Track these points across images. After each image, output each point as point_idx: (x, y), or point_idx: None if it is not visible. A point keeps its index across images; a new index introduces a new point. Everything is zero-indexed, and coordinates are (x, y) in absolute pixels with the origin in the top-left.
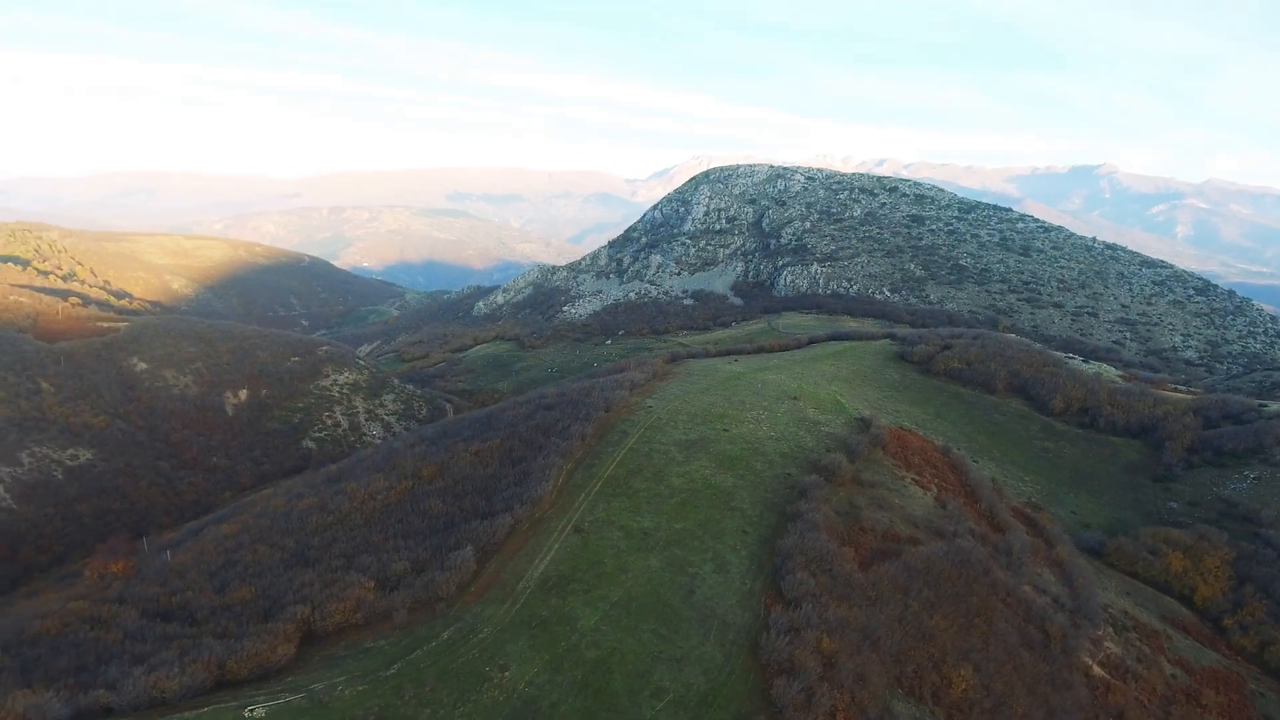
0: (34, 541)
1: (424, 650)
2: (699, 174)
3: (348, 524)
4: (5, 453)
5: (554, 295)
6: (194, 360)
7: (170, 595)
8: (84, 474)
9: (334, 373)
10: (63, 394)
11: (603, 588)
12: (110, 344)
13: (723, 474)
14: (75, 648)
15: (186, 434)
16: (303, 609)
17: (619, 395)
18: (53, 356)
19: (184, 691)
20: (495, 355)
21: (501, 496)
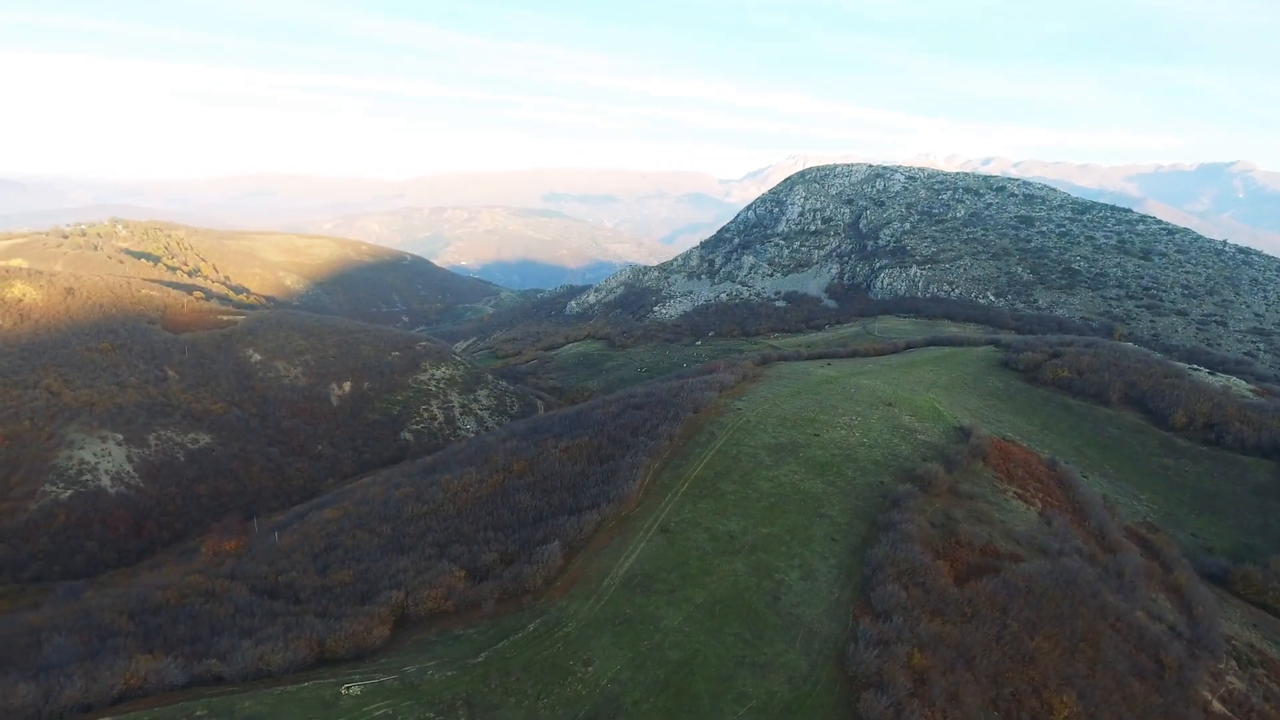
0: (158, 518)
1: (510, 641)
2: (794, 174)
3: (441, 514)
4: (135, 435)
5: (645, 295)
6: (303, 353)
7: (277, 574)
8: (203, 457)
9: (431, 368)
10: (186, 381)
11: (687, 589)
12: (229, 336)
13: (812, 479)
14: (191, 618)
15: (295, 422)
16: (397, 594)
17: (708, 396)
18: (178, 347)
19: (287, 666)
20: (586, 354)
21: (589, 494)
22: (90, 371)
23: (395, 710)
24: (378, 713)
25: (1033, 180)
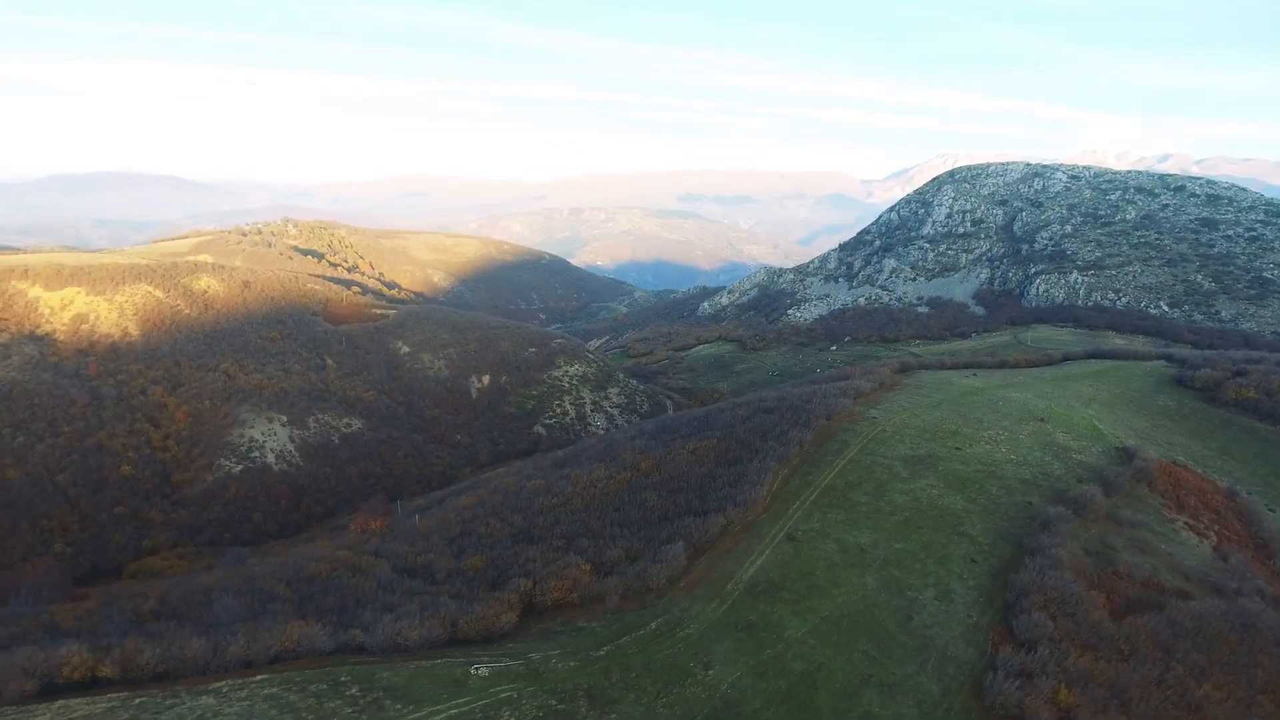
0: (313, 495)
1: (632, 637)
2: (943, 174)
3: (569, 508)
4: (297, 417)
5: (779, 298)
6: (447, 346)
7: (416, 555)
8: (355, 441)
9: (566, 364)
10: (343, 370)
11: (813, 600)
12: (381, 329)
13: (952, 495)
14: (339, 590)
15: (437, 412)
16: (525, 582)
17: (841, 403)
18: (337, 338)
19: (422, 642)
20: (717, 355)
21: (715, 496)
22: (261, 358)
23: (520, 694)
24: (503, 695)
25: (1218, 179)
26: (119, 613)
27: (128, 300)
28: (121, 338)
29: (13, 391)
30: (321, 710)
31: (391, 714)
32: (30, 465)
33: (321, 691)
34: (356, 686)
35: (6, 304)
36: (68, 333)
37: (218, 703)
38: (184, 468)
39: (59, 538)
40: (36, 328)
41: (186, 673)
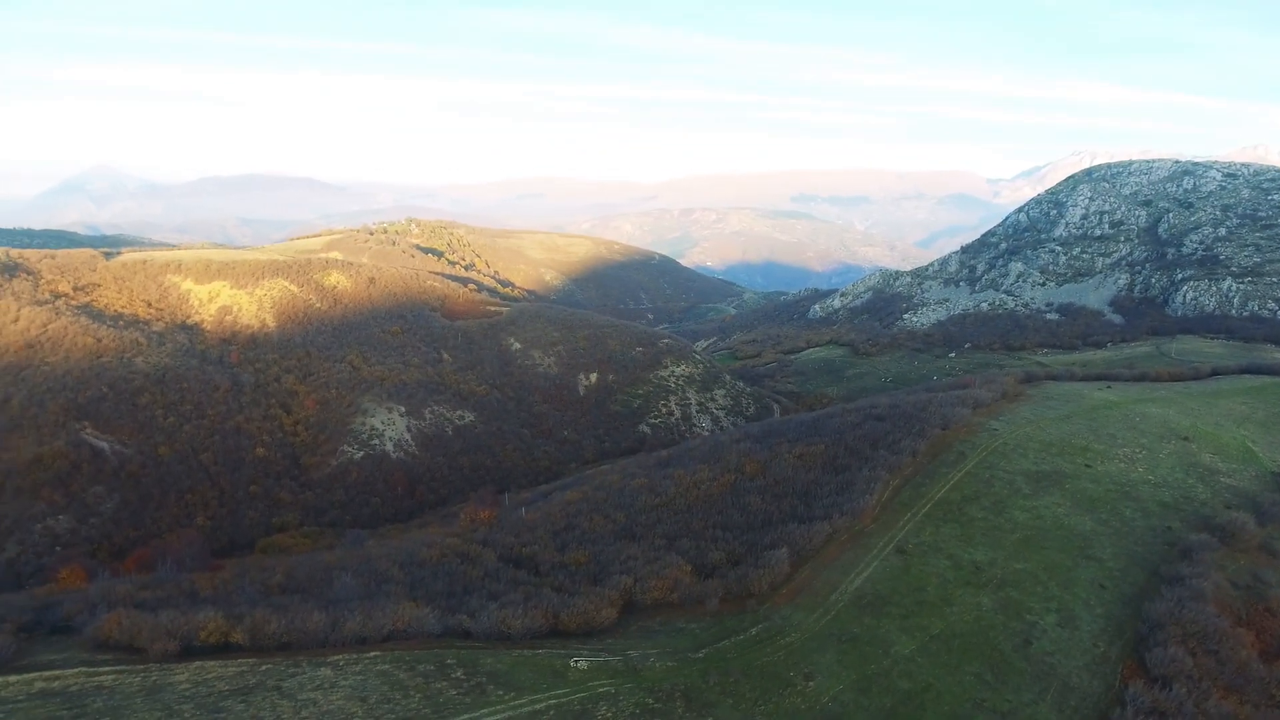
0: (427, 483)
1: (731, 641)
2: (1078, 172)
3: (672, 508)
4: (414, 408)
5: (894, 301)
6: (557, 344)
7: (521, 546)
8: (467, 433)
9: (672, 364)
10: (457, 364)
11: (922, 616)
12: (494, 325)
13: (1079, 515)
14: (448, 576)
15: (545, 408)
16: (626, 579)
17: (959, 413)
18: (453, 333)
19: (524, 632)
20: (827, 359)
21: (821, 503)
22: (383, 350)
23: (617, 690)
24: (601, 689)
25: None
26: (250, 584)
27: (266, 294)
28: (260, 328)
29: (165, 376)
30: (429, 690)
31: (494, 699)
32: (178, 444)
33: (429, 672)
34: (461, 670)
35: (162, 295)
36: (214, 323)
37: (335, 674)
38: (311, 452)
39: (201, 512)
40: (187, 318)
41: (307, 644)
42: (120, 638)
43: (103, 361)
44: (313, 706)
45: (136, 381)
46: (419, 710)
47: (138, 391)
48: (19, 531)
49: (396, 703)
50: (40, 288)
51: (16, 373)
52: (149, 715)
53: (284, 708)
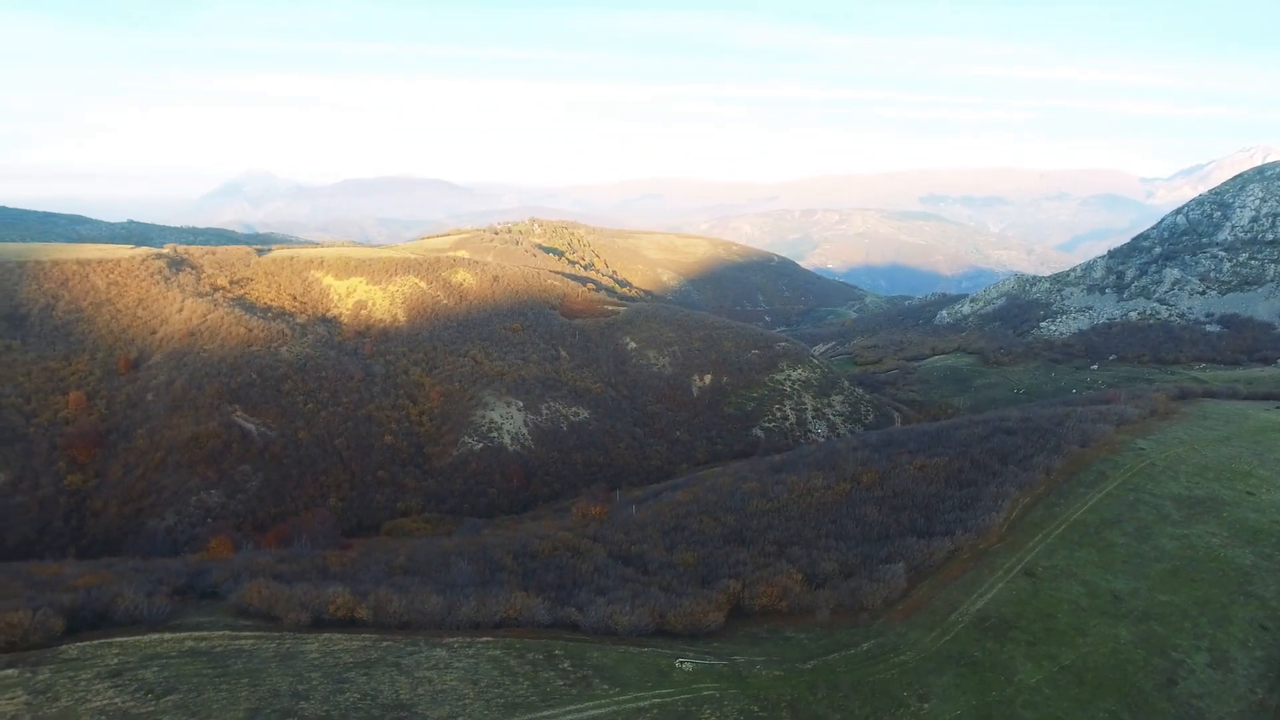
0: (541, 477)
1: (841, 655)
2: (1248, 170)
3: (784, 514)
4: (531, 404)
5: (1030, 308)
6: (672, 344)
7: (631, 544)
8: (581, 429)
9: (788, 368)
10: (574, 362)
11: (1051, 645)
12: (611, 324)
13: (1238, 547)
14: (558, 569)
15: (658, 408)
16: (734, 583)
17: (1101, 430)
18: (570, 331)
19: (631, 629)
20: (953, 368)
21: (942, 518)
22: (503, 347)
23: (722, 695)
24: (705, 692)
25: None
26: (375, 564)
27: (398, 290)
28: (391, 323)
29: (306, 365)
30: (536, 679)
31: (599, 693)
32: (316, 429)
33: (538, 661)
34: (568, 661)
35: (306, 290)
36: (350, 316)
37: (449, 656)
38: (434, 442)
39: (333, 493)
40: (327, 311)
41: (425, 625)
42: (259, 605)
43: (253, 350)
44: (428, 685)
45: (281, 369)
46: (527, 698)
47: (282, 378)
48: (177, 503)
49: (506, 688)
50: (202, 281)
51: (180, 358)
52: (282, 680)
53: (401, 684)
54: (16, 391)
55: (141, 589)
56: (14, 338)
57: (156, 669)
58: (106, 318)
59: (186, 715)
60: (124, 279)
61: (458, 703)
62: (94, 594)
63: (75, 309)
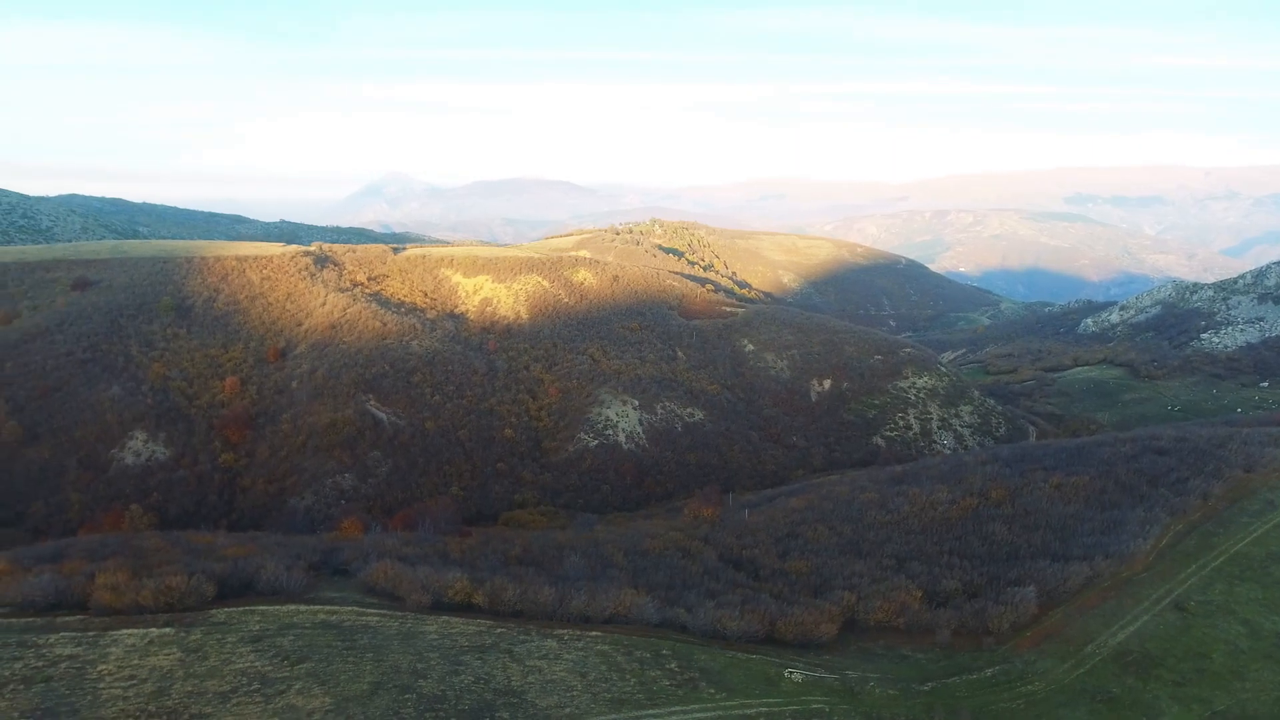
0: (654, 476)
1: (962, 679)
2: None
3: (904, 527)
4: (646, 403)
5: (1189, 318)
6: (790, 348)
7: (742, 548)
8: (695, 430)
9: (913, 375)
10: (690, 362)
11: (1203, 687)
12: (729, 326)
13: None
14: (669, 569)
15: (775, 412)
16: (849, 596)
17: (1270, 454)
18: (688, 331)
19: (739, 634)
20: (1098, 381)
21: (1080, 541)
22: (621, 345)
23: (832, 709)
24: (814, 705)
25: None
26: (492, 553)
27: (522, 288)
28: (514, 320)
29: (435, 358)
30: (643, 676)
31: (705, 695)
32: (442, 420)
33: (645, 659)
34: (675, 662)
35: (436, 286)
36: (476, 313)
37: (559, 647)
38: (551, 437)
39: (456, 482)
40: (455, 307)
41: (537, 615)
42: (385, 585)
43: (386, 343)
44: (538, 674)
45: (411, 362)
46: (633, 694)
47: (412, 371)
48: (315, 484)
49: (613, 683)
50: (343, 277)
51: (321, 349)
52: (403, 658)
53: (513, 670)
54: (181, 375)
55: (282, 563)
56: (181, 327)
57: (292, 637)
58: (259, 310)
59: (317, 683)
60: (275, 274)
61: (566, 694)
62: (241, 564)
63: (233, 301)
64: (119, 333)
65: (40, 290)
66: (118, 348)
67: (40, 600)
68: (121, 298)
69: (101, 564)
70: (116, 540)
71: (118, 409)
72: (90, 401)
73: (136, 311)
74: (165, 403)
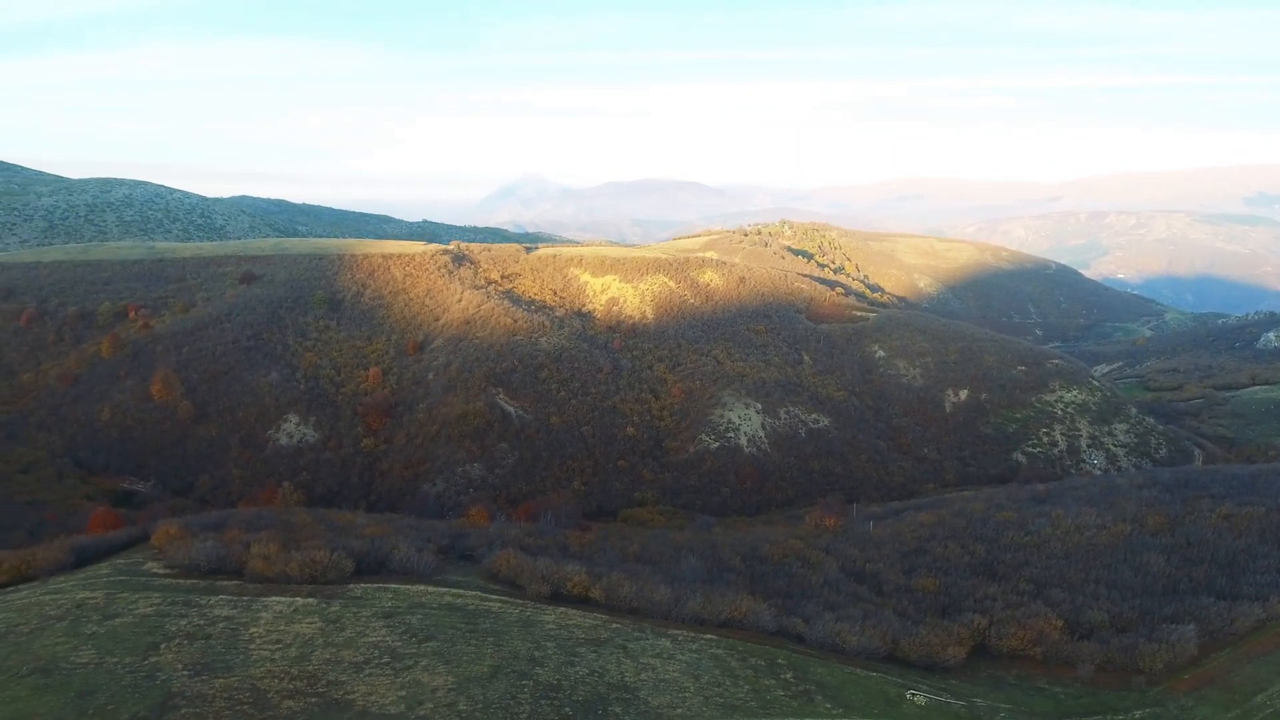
0: (775, 481)
1: (1106, 719)
2: None
3: (1044, 551)
4: (770, 407)
5: None
6: (924, 355)
7: (865, 561)
8: (820, 437)
9: (1061, 389)
10: (817, 367)
11: None
12: (859, 331)
13: None
14: (787, 577)
15: (905, 421)
16: (979, 619)
17: None
18: (815, 335)
19: (858, 650)
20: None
21: (1252, 579)
22: (746, 348)
23: None
24: None
25: None
26: (610, 549)
27: (648, 288)
28: (640, 319)
29: (561, 355)
30: (757, 684)
31: (820, 710)
32: (566, 416)
33: (759, 667)
34: (791, 672)
35: (565, 285)
36: (603, 312)
37: (673, 647)
38: (672, 437)
39: (577, 477)
40: (583, 306)
41: (652, 613)
42: (507, 573)
43: (516, 339)
44: (650, 672)
45: (539, 358)
46: (745, 702)
47: (539, 367)
48: (445, 472)
49: (725, 688)
50: (478, 275)
51: (456, 343)
52: (521, 645)
53: (627, 666)
54: (330, 364)
55: (414, 545)
56: (331, 319)
57: (420, 616)
58: (401, 305)
59: (441, 662)
60: (416, 271)
61: (678, 694)
62: (377, 544)
63: (378, 296)
64: (278, 323)
65: (213, 283)
66: (276, 337)
67: (204, 564)
68: (281, 291)
69: (256, 535)
70: (270, 514)
71: (275, 393)
72: (251, 385)
73: (294, 304)
74: (315, 389)
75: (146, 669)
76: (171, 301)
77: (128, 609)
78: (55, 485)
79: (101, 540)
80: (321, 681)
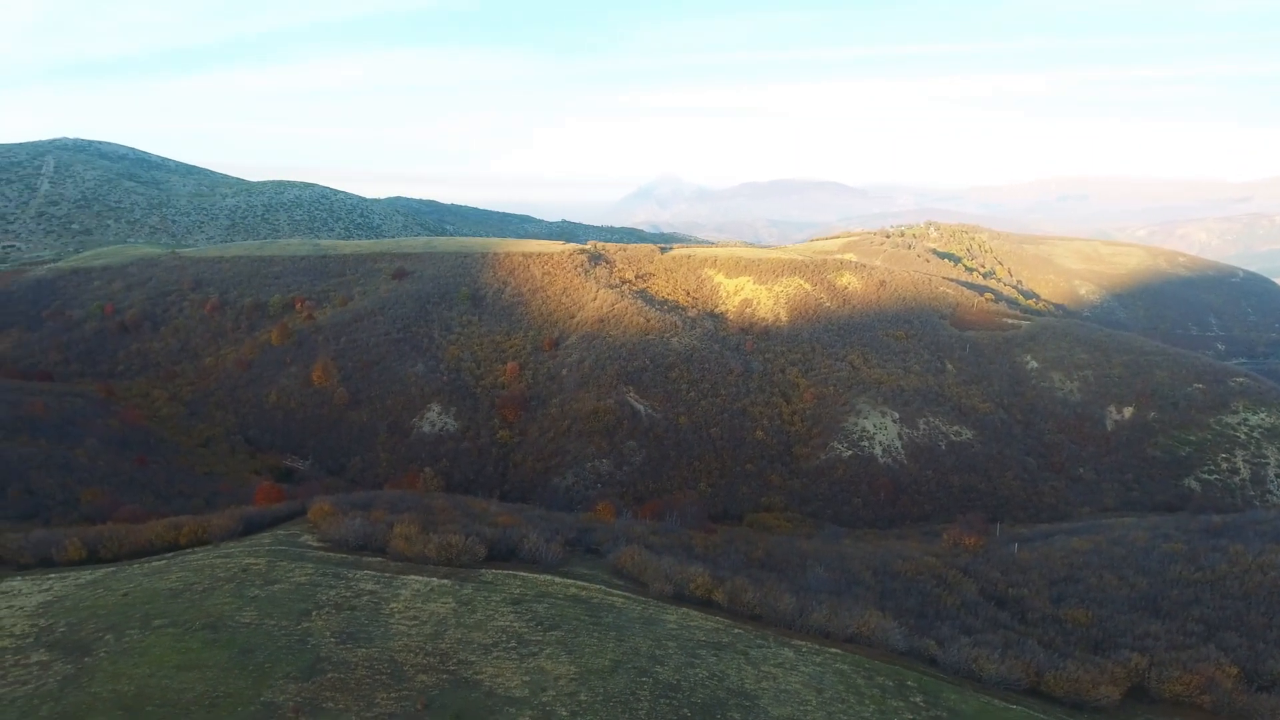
0: (911, 494)
1: None
2: None
3: (1219, 589)
4: (908, 416)
5: None
6: (1083, 368)
7: (1008, 586)
8: (962, 450)
9: (1245, 410)
10: (961, 377)
11: None
12: (1009, 339)
13: None
14: (921, 595)
15: (1059, 438)
16: (1138, 658)
17: None
18: (960, 343)
19: (997, 679)
20: None
21: None
22: (884, 354)
23: None
24: None
25: None
26: (734, 553)
27: (782, 290)
28: (773, 322)
29: (692, 356)
30: (884, 705)
31: None
32: (695, 416)
33: (887, 687)
34: (921, 696)
35: (698, 286)
36: (735, 313)
37: (796, 658)
38: (803, 443)
39: (704, 478)
40: (715, 307)
41: (775, 622)
42: (631, 570)
43: (648, 339)
44: (771, 680)
45: (670, 358)
46: None
47: (670, 366)
48: (575, 466)
49: (850, 706)
50: (613, 274)
51: (590, 341)
52: (642, 642)
53: (747, 673)
54: (471, 358)
55: (542, 535)
56: (474, 314)
57: (546, 605)
58: (539, 302)
59: (565, 651)
60: (554, 270)
61: (800, 706)
62: (508, 532)
63: (518, 293)
64: (425, 318)
65: (369, 279)
66: (423, 330)
67: (352, 540)
68: (429, 287)
69: (399, 516)
70: (412, 497)
71: (420, 383)
72: (399, 375)
73: (440, 299)
74: (457, 381)
75: (299, 633)
76: (332, 295)
77: (286, 576)
78: (229, 459)
79: (265, 512)
80: (453, 660)
